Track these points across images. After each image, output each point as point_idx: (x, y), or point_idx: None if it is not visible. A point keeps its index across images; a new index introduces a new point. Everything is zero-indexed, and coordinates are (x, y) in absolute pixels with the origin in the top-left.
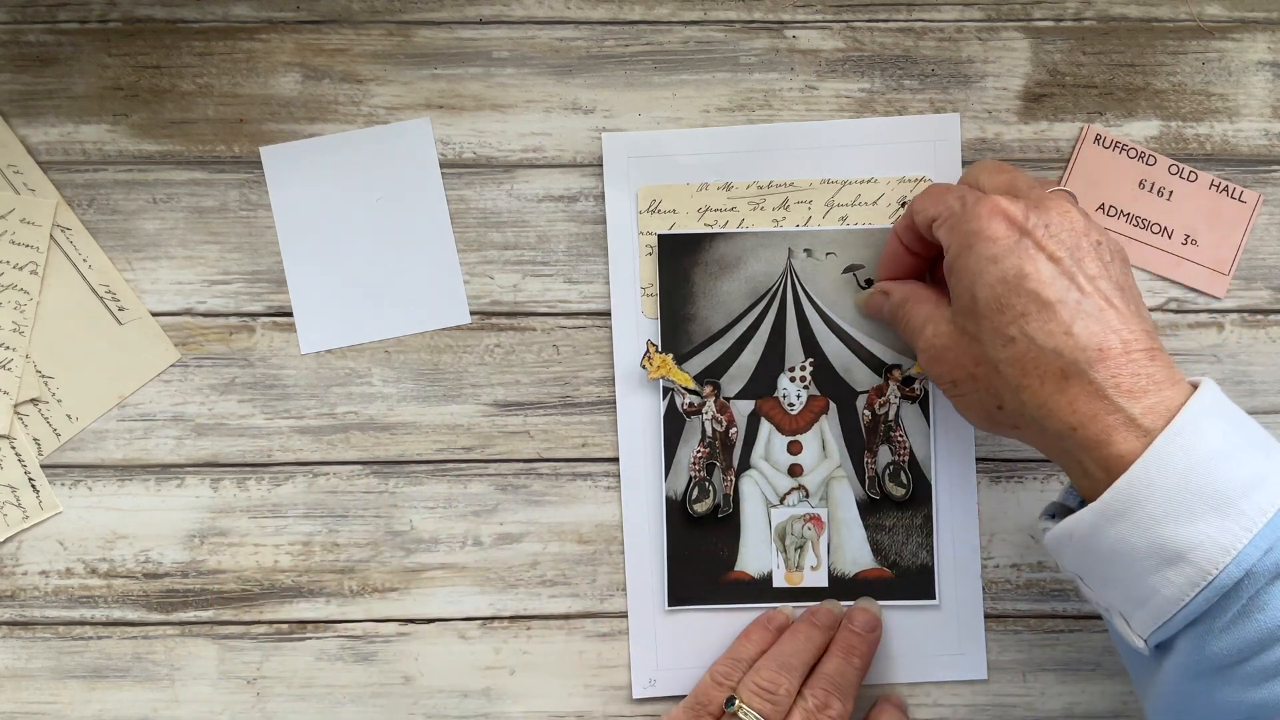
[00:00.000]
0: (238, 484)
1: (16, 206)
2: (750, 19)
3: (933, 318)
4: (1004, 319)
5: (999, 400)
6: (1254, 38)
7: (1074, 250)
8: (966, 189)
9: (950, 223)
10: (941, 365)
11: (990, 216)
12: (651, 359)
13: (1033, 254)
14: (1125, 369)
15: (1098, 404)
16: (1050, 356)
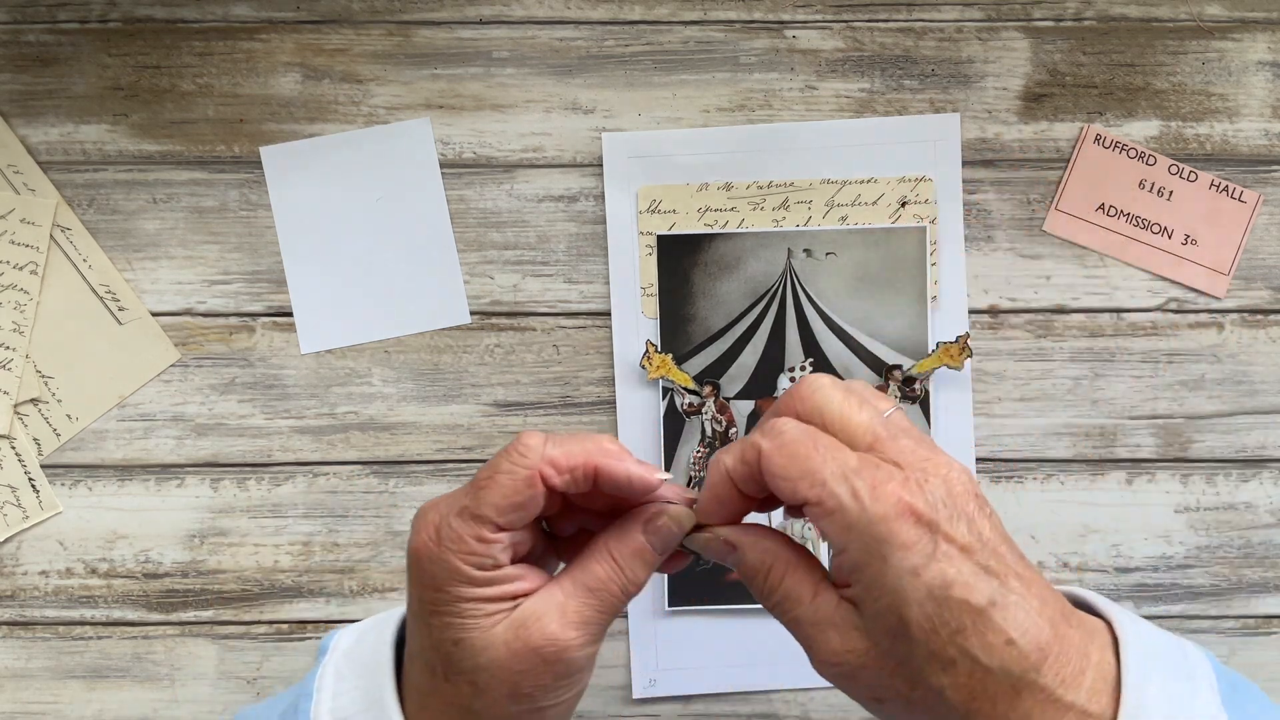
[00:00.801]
0: (238, 484)
1: (16, 206)
2: (750, 19)
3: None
4: (939, 640)
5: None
6: (1254, 38)
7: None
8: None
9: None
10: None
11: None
12: (651, 359)
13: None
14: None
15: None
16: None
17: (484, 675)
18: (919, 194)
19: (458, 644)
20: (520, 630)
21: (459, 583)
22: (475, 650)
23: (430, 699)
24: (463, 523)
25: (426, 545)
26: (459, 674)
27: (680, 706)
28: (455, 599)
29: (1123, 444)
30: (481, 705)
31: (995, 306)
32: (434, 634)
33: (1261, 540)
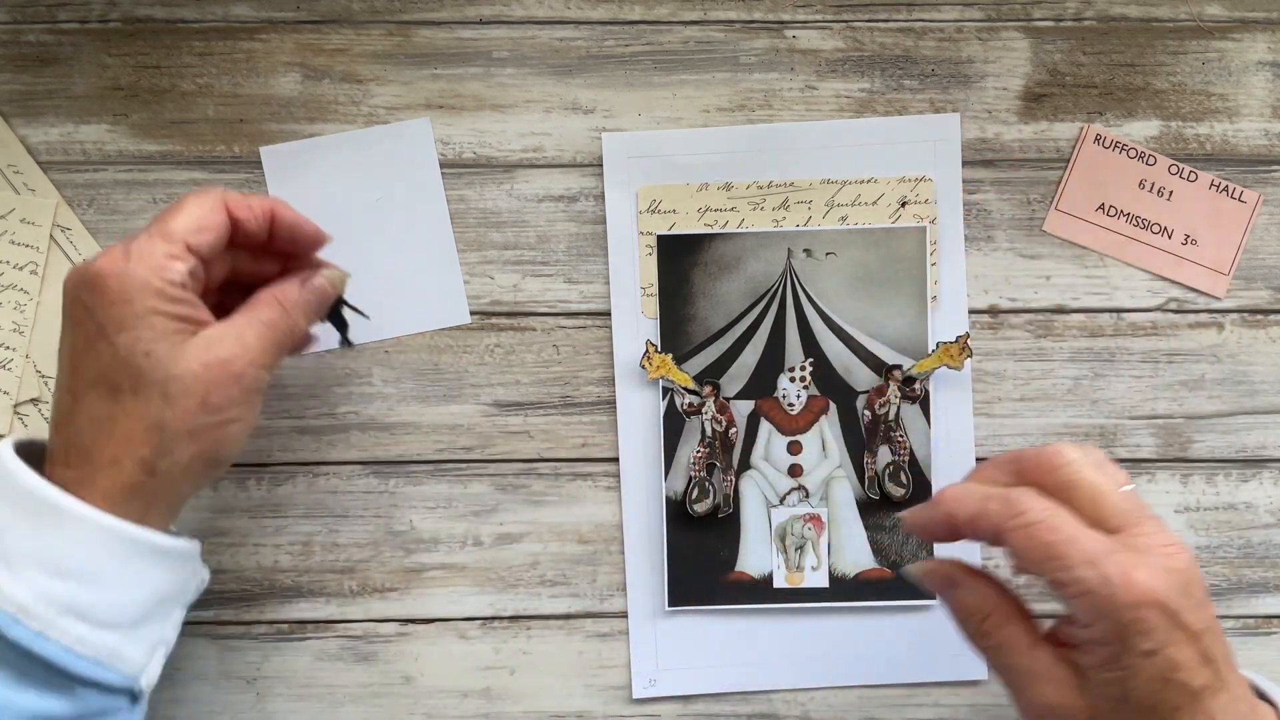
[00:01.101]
0: (238, 484)
1: (16, 206)
2: (750, 19)
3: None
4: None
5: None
6: (1254, 38)
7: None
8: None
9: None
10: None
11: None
12: (651, 359)
13: (1180, 639)
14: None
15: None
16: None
17: (175, 385)
18: (919, 194)
19: (149, 355)
20: (209, 345)
21: (150, 295)
22: (167, 361)
23: (110, 425)
24: (152, 241)
25: (114, 262)
26: (149, 385)
27: (680, 706)
28: (146, 312)
29: (1123, 444)
30: (171, 415)
31: (995, 306)
32: (120, 351)
33: (1261, 540)
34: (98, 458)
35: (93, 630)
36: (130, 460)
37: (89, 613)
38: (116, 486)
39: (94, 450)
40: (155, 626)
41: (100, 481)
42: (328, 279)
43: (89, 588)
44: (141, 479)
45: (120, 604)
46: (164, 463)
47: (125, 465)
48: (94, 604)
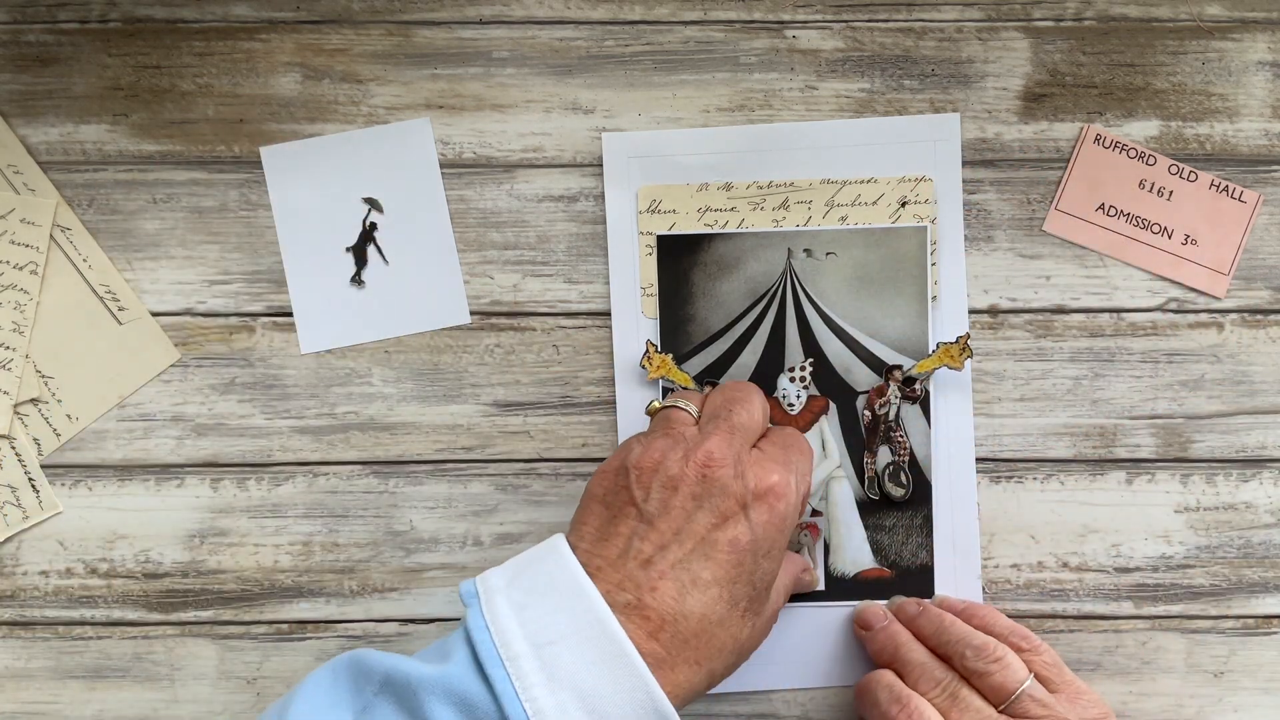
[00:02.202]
0: (238, 484)
1: (16, 206)
2: (750, 19)
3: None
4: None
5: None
6: (1254, 38)
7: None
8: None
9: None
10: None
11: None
12: (651, 359)
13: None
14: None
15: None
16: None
17: (761, 620)
18: (919, 194)
19: (770, 588)
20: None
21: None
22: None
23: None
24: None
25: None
26: (754, 615)
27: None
28: (783, 549)
29: (1123, 444)
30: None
31: (995, 306)
32: (758, 574)
33: (1261, 540)
34: (689, 653)
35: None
36: (708, 669)
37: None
38: (686, 684)
39: (690, 644)
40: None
41: (677, 674)
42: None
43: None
44: (700, 688)
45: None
46: (717, 681)
47: (703, 671)
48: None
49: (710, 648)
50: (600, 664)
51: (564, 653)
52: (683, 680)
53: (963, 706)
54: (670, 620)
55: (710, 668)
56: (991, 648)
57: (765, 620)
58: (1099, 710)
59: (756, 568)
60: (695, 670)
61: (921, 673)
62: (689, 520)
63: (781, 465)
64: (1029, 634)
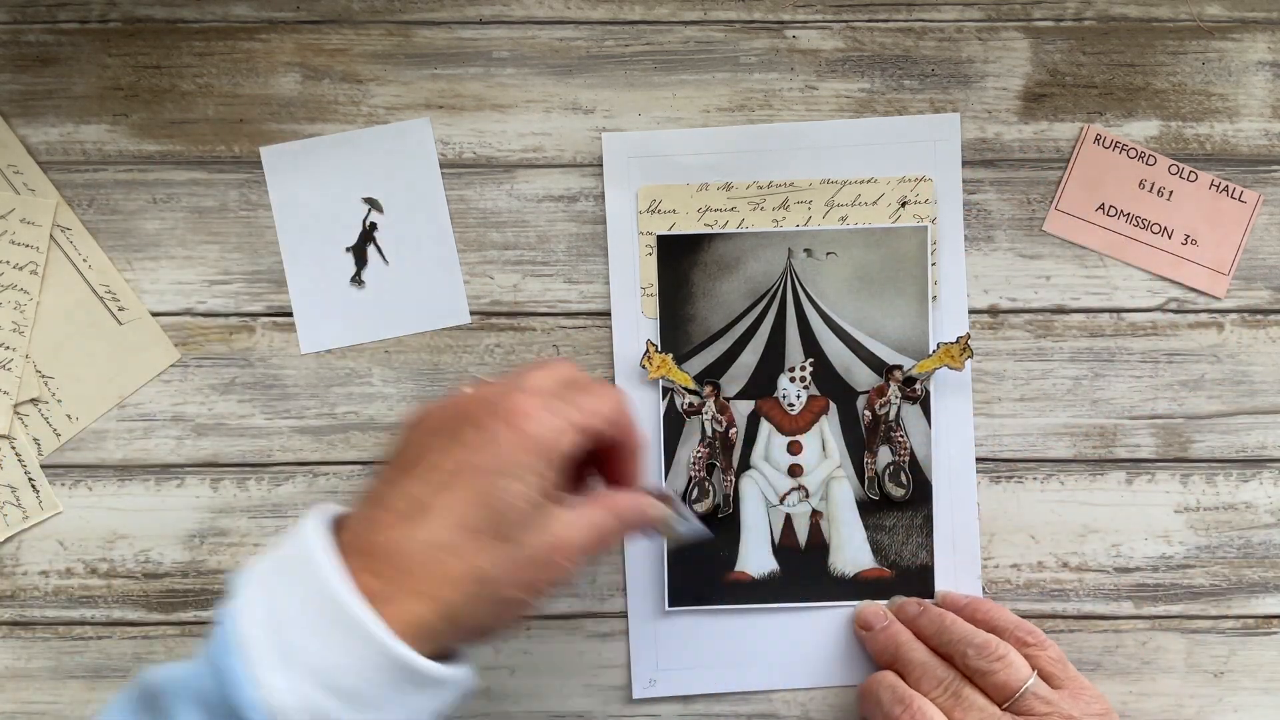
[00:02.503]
0: (238, 484)
1: (16, 206)
2: (750, 19)
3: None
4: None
5: None
6: (1254, 38)
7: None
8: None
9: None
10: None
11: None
12: (651, 359)
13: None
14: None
15: None
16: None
17: (520, 552)
18: (919, 194)
19: (521, 513)
20: (559, 529)
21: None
22: (529, 527)
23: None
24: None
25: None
26: (502, 542)
27: (680, 706)
28: (538, 471)
29: (1123, 444)
30: (500, 577)
31: (995, 306)
32: (500, 494)
33: (1261, 540)
34: (413, 583)
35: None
36: (440, 602)
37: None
38: (413, 619)
39: (414, 573)
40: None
41: (401, 605)
42: (660, 517)
43: (355, 711)
44: (435, 622)
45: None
46: (464, 617)
47: (435, 604)
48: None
49: (438, 577)
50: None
51: (296, 629)
52: (409, 614)
53: (966, 705)
54: (394, 551)
55: (445, 599)
56: (993, 646)
57: (533, 553)
58: (1101, 706)
59: (494, 489)
60: (421, 601)
61: (923, 672)
62: (425, 451)
63: (540, 396)
64: (1033, 629)
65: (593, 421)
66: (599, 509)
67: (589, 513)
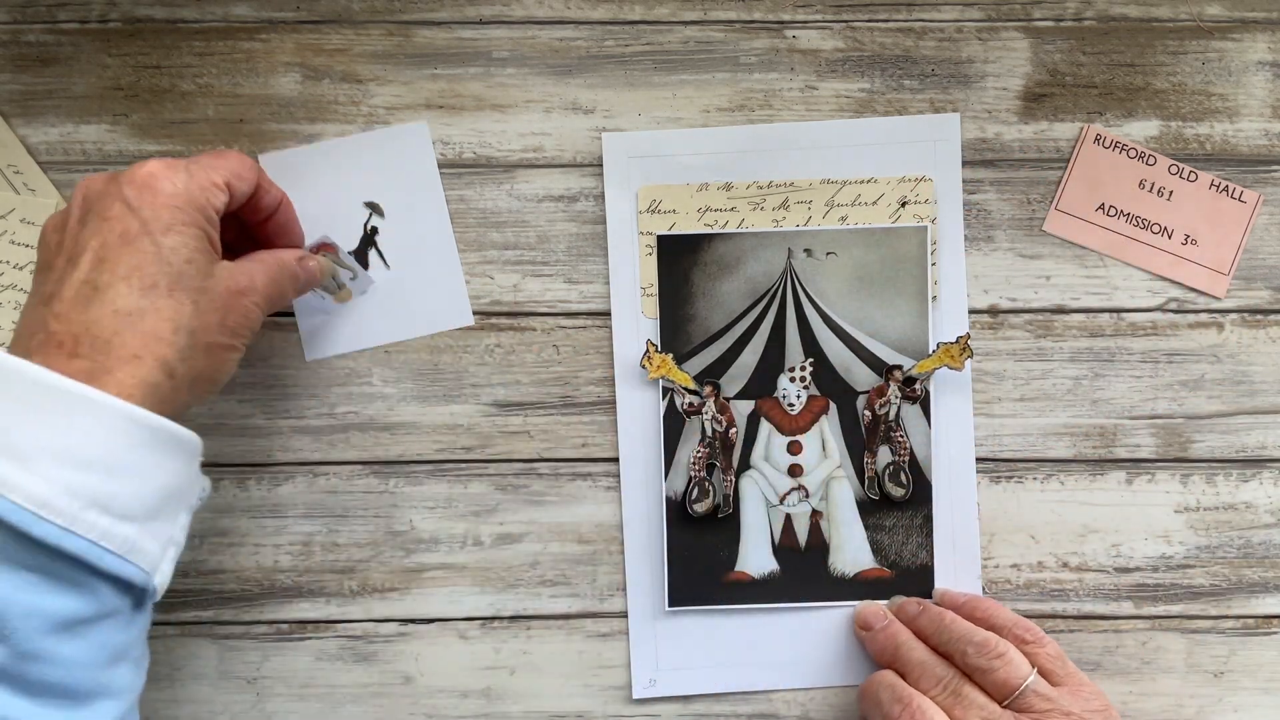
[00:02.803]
0: (238, 484)
1: (16, 206)
2: (750, 19)
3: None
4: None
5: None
6: (1254, 38)
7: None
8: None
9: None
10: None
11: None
12: (651, 359)
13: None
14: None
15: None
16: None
17: (205, 297)
18: (919, 194)
19: (190, 262)
20: (231, 273)
21: (198, 210)
22: (204, 273)
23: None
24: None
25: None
26: (185, 290)
27: (680, 706)
28: (192, 223)
29: (1123, 444)
30: (198, 324)
31: (995, 306)
32: (164, 250)
33: (1261, 540)
34: (118, 350)
35: (115, 523)
36: (153, 358)
37: (110, 504)
38: (135, 381)
39: (114, 342)
40: (166, 524)
41: (119, 374)
42: (320, 266)
43: (109, 478)
44: (160, 379)
45: (138, 494)
46: (182, 368)
47: (147, 362)
48: (114, 495)
49: (143, 337)
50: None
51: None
52: (129, 379)
53: (966, 704)
54: (84, 332)
55: (157, 355)
56: (993, 644)
57: (217, 297)
58: (1100, 702)
59: (157, 247)
60: (139, 364)
61: (923, 671)
62: (77, 243)
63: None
64: (1031, 626)
65: (226, 177)
66: (265, 259)
67: (256, 263)
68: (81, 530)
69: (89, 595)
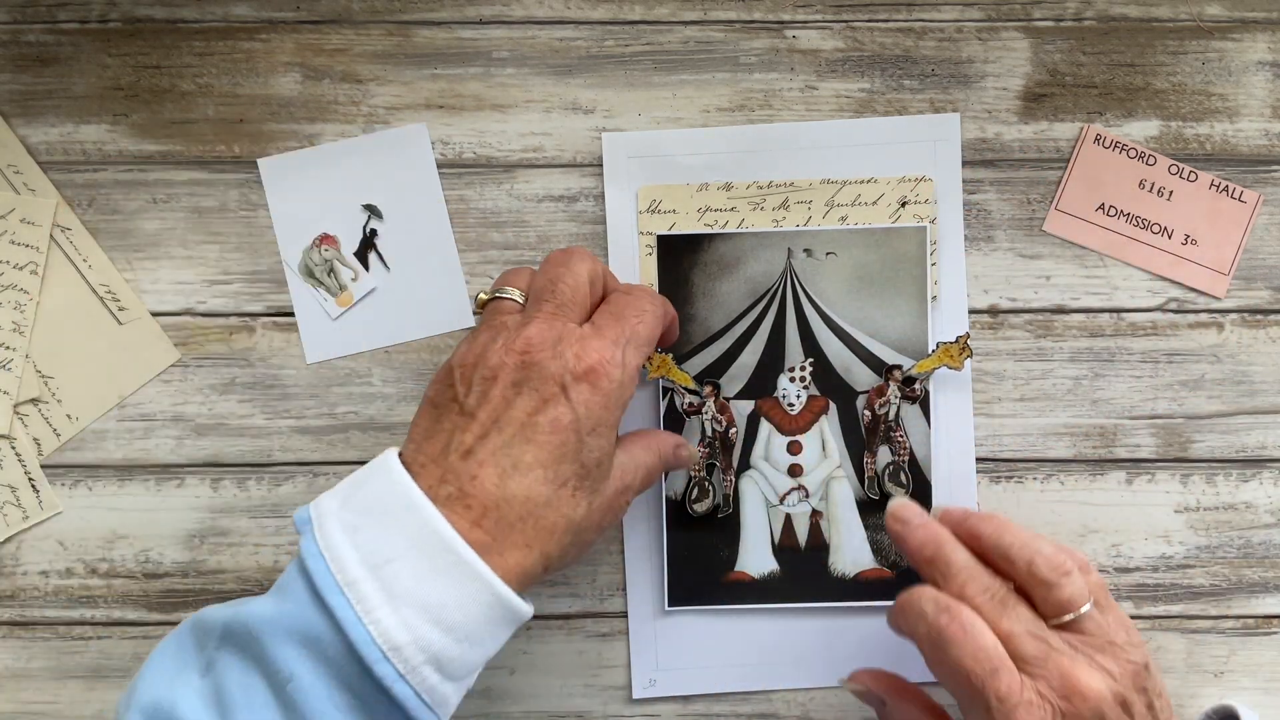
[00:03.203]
0: (238, 484)
1: (16, 206)
2: (750, 19)
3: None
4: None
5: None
6: (1254, 38)
7: None
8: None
9: None
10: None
11: None
12: (651, 359)
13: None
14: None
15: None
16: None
17: (599, 499)
18: (919, 194)
19: (600, 465)
20: (624, 473)
21: (622, 407)
22: (606, 473)
23: (543, 513)
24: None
25: (610, 364)
26: (589, 492)
27: (680, 706)
28: (616, 422)
29: (1123, 444)
30: (586, 525)
31: (995, 306)
32: (587, 450)
33: (1261, 540)
34: (516, 536)
35: (441, 681)
36: (540, 551)
37: (446, 666)
38: (517, 569)
39: (516, 528)
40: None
41: (508, 558)
42: (690, 455)
43: (457, 644)
44: (537, 569)
45: (473, 662)
46: (558, 561)
47: (535, 553)
48: (454, 660)
49: (539, 529)
50: (439, 574)
51: (402, 569)
52: (514, 564)
53: (1014, 616)
54: (493, 506)
55: (543, 549)
56: (1064, 560)
57: (607, 498)
58: (1139, 639)
59: (583, 446)
60: (526, 553)
61: (968, 576)
62: (508, 408)
63: (610, 340)
64: (1075, 551)
65: (649, 348)
66: (645, 450)
67: (638, 455)
68: (414, 682)
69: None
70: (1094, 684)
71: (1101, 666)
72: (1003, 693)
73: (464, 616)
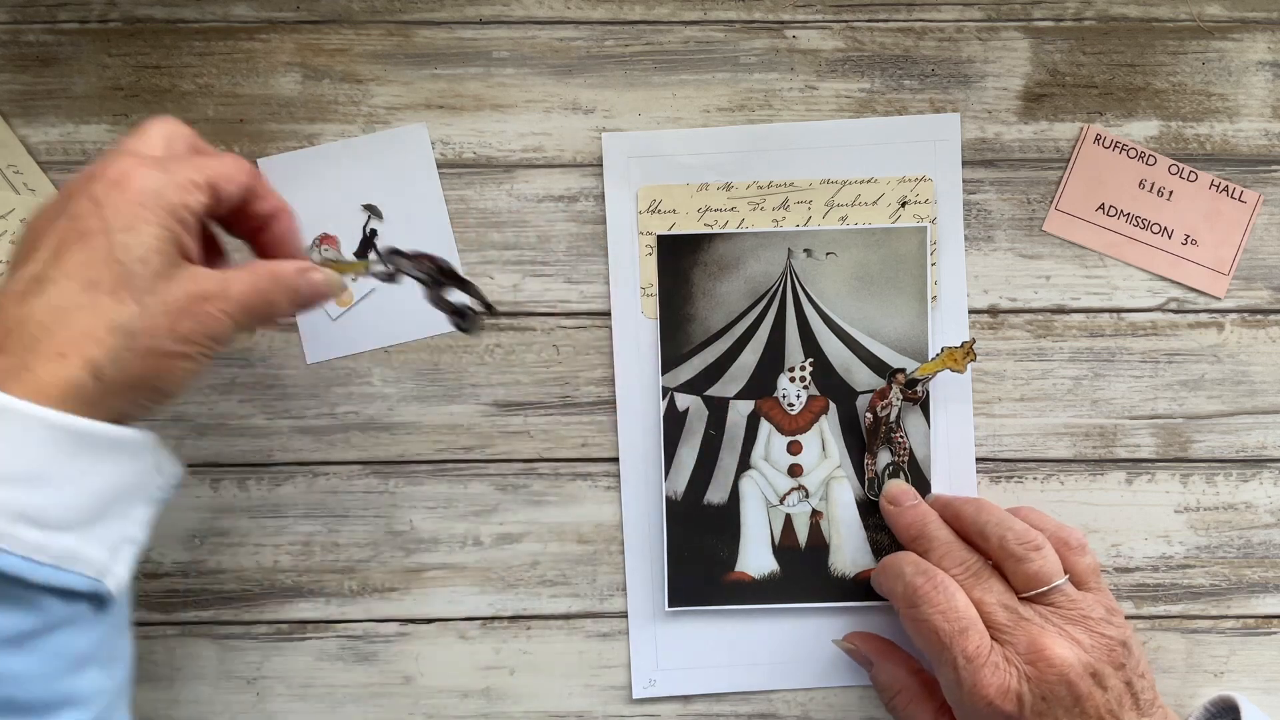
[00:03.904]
0: (238, 484)
1: (16, 206)
2: (750, 19)
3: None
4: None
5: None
6: (1254, 38)
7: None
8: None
9: (950, 692)
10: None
11: (998, 697)
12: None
13: None
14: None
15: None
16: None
17: (154, 299)
18: (919, 194)
19: (143, 261)
20: (196, 279)
21: (165, 209)
22: (156, 273)
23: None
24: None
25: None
26: (130, 289)
27: (680, 706)
28: (156, 222)
29: (1123, 444)
30: (139, 325)
31: (995, 306)
32: (115, 249)
33: (1261, 540)
34: (44, 347)
35: (48, 535)
36: (79, 356)
37: (41, 517)
38: (55, 380)
39: (42, 339)
40: (115, 524)
41: (39, 371)
42: (326, 280)
43: (36, 490)
44: (84, 380)
45: (72, 503)
46: (112, 370)
47: (72, 361)
48: (45, 507)
49: (71, 335)
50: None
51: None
52: (49, 378)
53: (985, 587)
54: (15, 327)
55: (84, 355)
56: (1033, 537)
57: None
58: (1122, 619)
59: (112, 245)
60: (61, 362)
61: (946, 550)
62: (42, 236)
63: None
64: (1075, 532)
65: (210, 177)
66: (254, 267)
67: (238, 270)
68: (12, 546)
69: (30, 609)
70: (1061, 651)
71: (1071, 637)
72: (970, 651)
73: (24, 459)
